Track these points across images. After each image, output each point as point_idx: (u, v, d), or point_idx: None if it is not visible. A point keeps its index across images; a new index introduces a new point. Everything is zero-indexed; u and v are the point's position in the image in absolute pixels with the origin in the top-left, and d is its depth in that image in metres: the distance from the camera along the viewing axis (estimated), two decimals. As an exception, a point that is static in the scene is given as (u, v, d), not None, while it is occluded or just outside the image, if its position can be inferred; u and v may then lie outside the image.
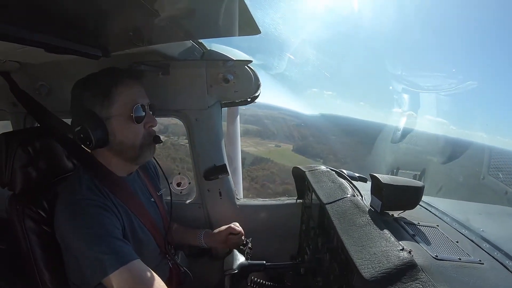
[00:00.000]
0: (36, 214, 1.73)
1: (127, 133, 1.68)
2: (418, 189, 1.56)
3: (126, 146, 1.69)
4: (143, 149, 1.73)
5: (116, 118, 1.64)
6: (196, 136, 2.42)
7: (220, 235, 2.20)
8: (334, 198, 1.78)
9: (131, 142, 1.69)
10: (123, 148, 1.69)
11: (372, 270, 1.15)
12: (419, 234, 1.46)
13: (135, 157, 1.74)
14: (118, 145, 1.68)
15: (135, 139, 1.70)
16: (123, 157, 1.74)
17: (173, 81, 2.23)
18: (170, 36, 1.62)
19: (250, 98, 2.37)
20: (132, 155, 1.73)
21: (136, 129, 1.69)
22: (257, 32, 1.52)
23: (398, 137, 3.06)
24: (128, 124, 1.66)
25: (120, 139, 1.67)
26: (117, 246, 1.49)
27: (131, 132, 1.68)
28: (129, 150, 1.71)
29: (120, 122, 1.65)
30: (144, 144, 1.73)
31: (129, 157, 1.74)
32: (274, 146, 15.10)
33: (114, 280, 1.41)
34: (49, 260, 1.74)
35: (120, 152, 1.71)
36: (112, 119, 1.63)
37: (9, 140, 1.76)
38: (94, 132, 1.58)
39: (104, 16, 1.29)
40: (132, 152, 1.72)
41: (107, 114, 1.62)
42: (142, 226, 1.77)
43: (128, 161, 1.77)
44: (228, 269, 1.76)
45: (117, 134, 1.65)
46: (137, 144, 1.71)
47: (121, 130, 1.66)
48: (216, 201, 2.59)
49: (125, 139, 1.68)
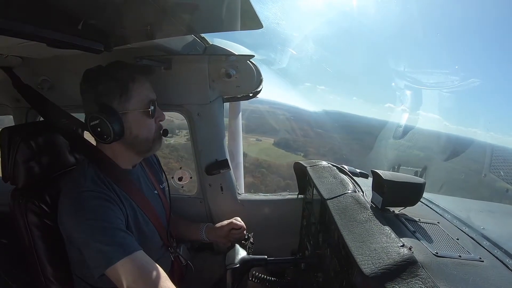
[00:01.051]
0: (38, 209, 1.74)
1: (142, 128, 1.72)
2: (419, 186, 1.56)
3: (140, 140, 1.73)
4: (154, 142, 1.79)
5: (132, 113, 1.68)
6: (198, 130, 2.42)
7: (222, 230, 2.21)
8: (335, 194, 1.79)
9: (145, 136, 1.74)
10: (137, 142, 1.73)
11: (372, 266, 1.15)
12: (420, 230, 1.47)
13: (147, 150, 1.80)
14: (133, 139, 1.72)
15: (149, 133, 1.75)
16: (135, 150, 1.78)
17: (175, 75, 2.24)
18: (173, 31, 1.62)
19: (252, 93, 2.37)
20: (144, 149, 1.78)
21: (150, 124, 1.75)
22: (260, 27, 1.52)
23: (399, 133, 3.05)
24: (143, 119, 1.72)
25: (136, 133, 1.71)
26: (120, 237, 1.50)
27: (146, 127, 1.74)
28: (143, 143, 1.75)
29: (137, 117, 1.70)
30: (156, 137, 1.79)
31: (141, 150, 1.79)
32: (254, 140, 15.08)
33: (118, 271, 1.42)
34: (52, 254, 1.76)
35: (133, 146, 1.75)
36: (129, 114, 1.67)
37: (12, 135, 1.76)
38: (113, 126, 1.60)
39: (106, 11, 1.29)
40: (145, 145, 1.77)
41: (124, 109, 1.66)
42: (145, 218, 1.79)
43: (139, 153, 1.82)
44: (229, 264, 1.77)
45: (133, 129, 1.69)
46: (151, 138, 1.76)
47: (137, 124, 1.70)
48: (217, 196, 2.60)
49: (140, 133, 1.72)
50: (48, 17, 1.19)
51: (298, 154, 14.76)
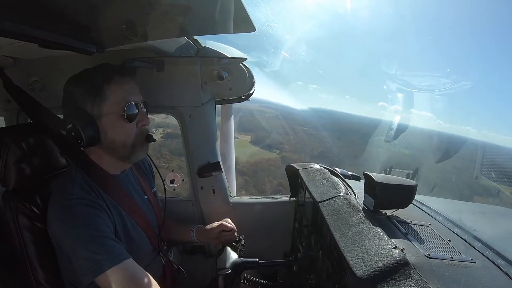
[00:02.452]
0: (29, 211, 1.72)
1: (118, 132, 1.66)
2: (411, 188, 1.58)
3: (117, 144, 1.67)
4: (135, 148, 1.71)
5: (107, 117, 1.62)
6: (190, 133, 2.41)
7: (213, 232, 2.19)
8: (328, 196, 1.79)
9: (122, 140, 1.68)
10: (114, 147, 1.68)
11: (364, 268, 1.16)
12: (412, 232, 1.47)
13: (127, 156, 1.73)
14: (110, 144, 1.67)
15: (127, 138, 1.68)
16: (115, 156, 1.72)
17: (167, 77, 2.23)
18: (165, 32, 1.62)
19: (245, 96, 2.38)
20: (124, 154, 1.71)
21: (128, 128, 1.67)
22: (252, 30, 1.52)
23: (391, 136, 3.07)
24: (119, 123, 1.64)
25: (112, 138, 1.65)
26: (109, 245, 1.49)
27: (123, 131, 1.67)
28: (121, 148, 1.69)
29: (112, 121, 1.63)
30: (136, 143, 1.71)
31: (121, 156, 1.72)
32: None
33: (107, 279, 1.41)
34: (43, 257, 1.73)
35: (112, 151, 1.69)
36: (104, 117, 1.62)
37: (3, 136, 1.74)
38: (84, 130, 1.56)
39: (98, 11, 1.28)
40: (124, 151, 1.70)
41: (98, 112, 1.61)
42: (134, 224, 1.77)
43: (120, 159, 1.75)
44: (221, 269, 1.77)
45: (108, 133, 1.64)
46: (129, 143, 1.69)
47: (113, 128, 1.65)
48: (209, 198, 2.59)
49: (116, 137, 1.66)
50: (40, 17, 1.18)
51: (274, 151, 14.80)
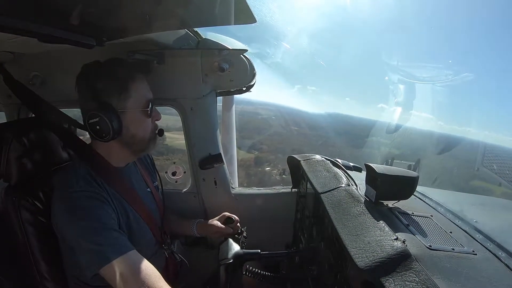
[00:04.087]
0: (32, 205, 1.73)
1: (139, 127, 1.73)
2: (413, 179, 1.57)
3: (137, 139, 1.74)
4: (150, 142, 1.80)
5: (131, 112, 1.68)
6: (191, 125, 2.41)
7: (213, 226, 2.22)
8: (329, 188, 1.79)
9: (142, 135, 1.75)
10: (134, 141, 1.74)
11: (366, 259, 1.16)
12: (413, 224, 1.47)
13: (142, 150, 1.81)
14: (130, 138, 1.72)
15: (145, 132, 1.76)
16: (131, 150, 1.78)
17: (168, 70, 2.22)
18: (166, 25, 1.61)
19: (246, 87, 2.37)
20: (140, 148, 1.79)
21: (147, 123, 1.76)
22: (253, 21, 1.51)
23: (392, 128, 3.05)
24: (142, 118, 1.72)
25: (133, 132, 1.71)
26: (113, 237, 1.50)
27: (143, 126, 1.75)
28: (139, 142, 1.76)
29: (135, 116, 1.70)
30: (151, 137, 1.79)
31: (137, 149, 1.80)
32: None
33: (110, 271, 1.42)
34: (46, 251, 1.75)
35: (129, 145, 1.74)
36: (127, 113, 1.67)
37: (4, 131, 1.74)
38: (113, 124, 1.59)
39: (98, 4, 1.27)
40: (141, 144, 1.77)
41: (123, 107, 1.65)
42: (137, 216, 1.78)
43: (134, 153, 1.82)
44: (223, 259, 1.77)
45: (130, 127, 1.69)
46: (147, 137, 1.77)
47: (135, 123, 1.71)
48: (211, 190, 2.60)
49: (137, 132, 1.72)
50: (39, 12, 1.18)
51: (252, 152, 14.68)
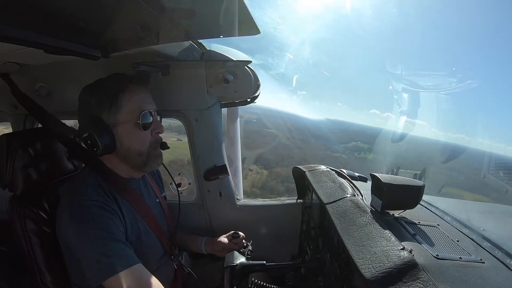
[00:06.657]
0: (37, 216, 1.74)
1: (134, 140, 1.68)
2: (419, 189, 1.56)
3: (133, 152, 1.70)
4: (150, 157, 1.74)
5: (123, 125, 1.64)
6: (196, 136, 2.42)
7: (220, 243, 2.20)
8: (335, 198, 1.78)
9: (138, 148, 1.70)
10: (130, 155, 1.70)
11: (373, 269, 1.15)
12: (420, 233, 1.46)
13: (142, 165, 1.75)
14: (126, 152, 1.69)
15: (142, 146, 1.70)
16: (130, 164, 1.74)
17: (172, 81, 2.23)
18: (170, 37, 1.62)
19: (250, 98, 2.37)
20: (139, 162, 1.74)
21: (143, 136, 1.70)
22: (257, 32, 1.52)
23: (397, 137, 3.05)
24: (135, 131, 1.66)
25: (128, 146, 1.68)
26: (119, 249, 1.49)
27: (139, 139, 1.69)
28: (136, 157, 1.71)
29: (128, 129, 1.66)
30: (151, 151, 1.74)
31: (136, 164, 1.75)
32: (175, 140, 15.34)
33: (115, 283, 1.41)
34: (50, 261, 1.74)
35: (127, 159, 1.72)
36: (119, 126, 1.64)
37: (10, 141, 1.76)
38: (101, 139, 1.58)
39: (103, 17, 1.29)
40: (139, 159, 1.72)
41: (114, 121, 1.63)
42: (147, 227, 1.77)
43: (134, 168, 1.77)
44: (228, 265, 1.76)
45: (124, 141, 1.66)
46: (145, 151, 1.71)
47: (128, 137, 1.67)
48: (216, 202, 2.59)
49: (132, 145, 1.68)
50: (46, 24, 1.19)
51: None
